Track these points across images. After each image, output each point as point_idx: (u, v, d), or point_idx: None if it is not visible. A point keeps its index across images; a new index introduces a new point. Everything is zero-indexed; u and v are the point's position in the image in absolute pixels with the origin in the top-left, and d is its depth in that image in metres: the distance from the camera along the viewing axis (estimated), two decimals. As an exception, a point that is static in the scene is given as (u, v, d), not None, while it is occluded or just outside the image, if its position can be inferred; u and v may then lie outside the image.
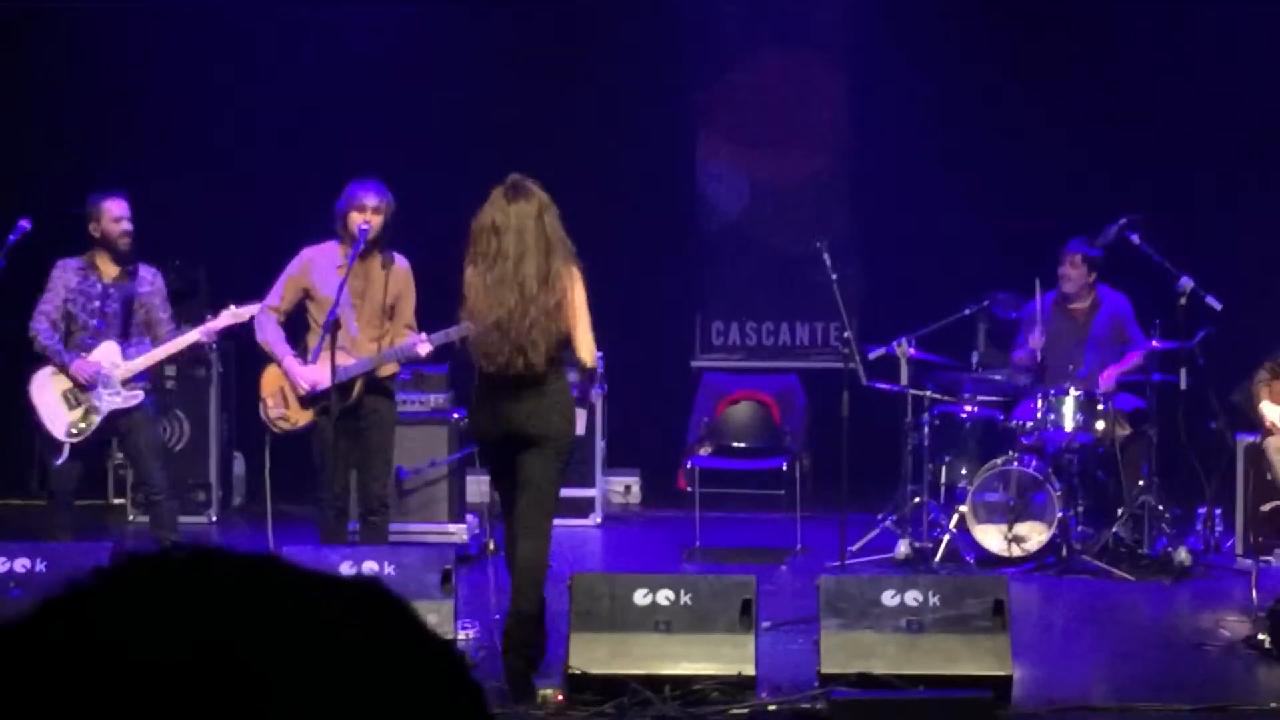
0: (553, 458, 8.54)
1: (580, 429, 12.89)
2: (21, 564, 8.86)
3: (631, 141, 14.28)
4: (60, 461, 10.11)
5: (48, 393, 10.15)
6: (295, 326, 9.91)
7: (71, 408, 10.12)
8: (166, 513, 10.43)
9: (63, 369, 10.10)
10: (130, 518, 13.18)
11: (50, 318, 10.13)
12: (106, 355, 10.13)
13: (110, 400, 10.11)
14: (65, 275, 10.17)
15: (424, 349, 9.50)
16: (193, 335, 10.22)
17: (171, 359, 10.83)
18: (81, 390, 10.10)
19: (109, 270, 10.24)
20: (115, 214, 10.18)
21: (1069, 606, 10.57)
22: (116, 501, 13.42)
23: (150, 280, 10.36)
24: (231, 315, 10.17)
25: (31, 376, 10.19)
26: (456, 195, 13.83)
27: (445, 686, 1.45)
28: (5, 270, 10.10)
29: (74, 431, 10.09)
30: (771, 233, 14.41)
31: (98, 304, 10.18)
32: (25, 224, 10.16)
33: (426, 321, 9.61)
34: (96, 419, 10.10)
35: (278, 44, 14.24)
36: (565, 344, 8.59)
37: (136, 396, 10.17)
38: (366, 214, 9.57)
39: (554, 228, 8.57)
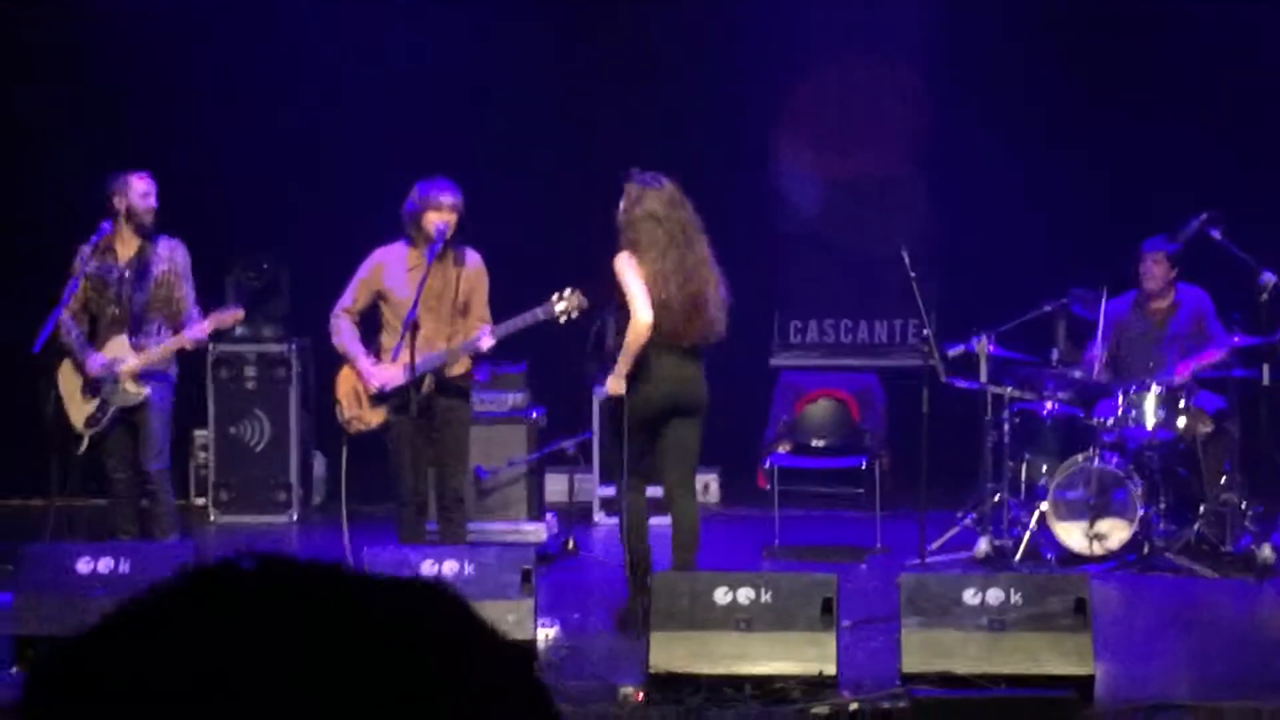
0: (701, 424, 9.69)
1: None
2: (105, 564, 8.92)
3: (708, 142, 14.27)
4: (81, 452, 10.18)
5: (68, 383, 10.23)
6: (370, 328, 9.96)
7: (85, 400, 10.20)
8: (163, 506, 10.34)
9: (79, 365, 10.17)
10: (212, 518, 13.26)
11: (71, 309, 10.19)
12: (116, 350, 10.17)
13: (117, 397, 10.15)
14: (84, 260, 10.20)
15: (486, 342, 9.54)
16: (183, 339, 10.20)
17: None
18: (96, 384, 10.16)
19: (126, 250, 10.26)
20: (142, 189, 10.21)
21: (1151, 605, 10.50)
22: (198, 501, 13.49)
23: (168, 255, 10.31)
24: (216, 320, 10.20)
25: (58, 369, 10.29)
26: (532, 195, 13.94)
27: (512, 687, 1.46)
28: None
29: (90, 423, 10.17)
30: (848, 231, 14.37)
31: (114, 289, 10.21)
32: (106, 226, 10.21)
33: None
34: (110, 410, 10.16)
35: (360, 50, 14.28)
36: None
37: (142, 394, 10.19)
38: (444, 213, 9.62)
39: (693, 215, 9.65)
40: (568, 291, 9.43)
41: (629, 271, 9.31)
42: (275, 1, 14.21)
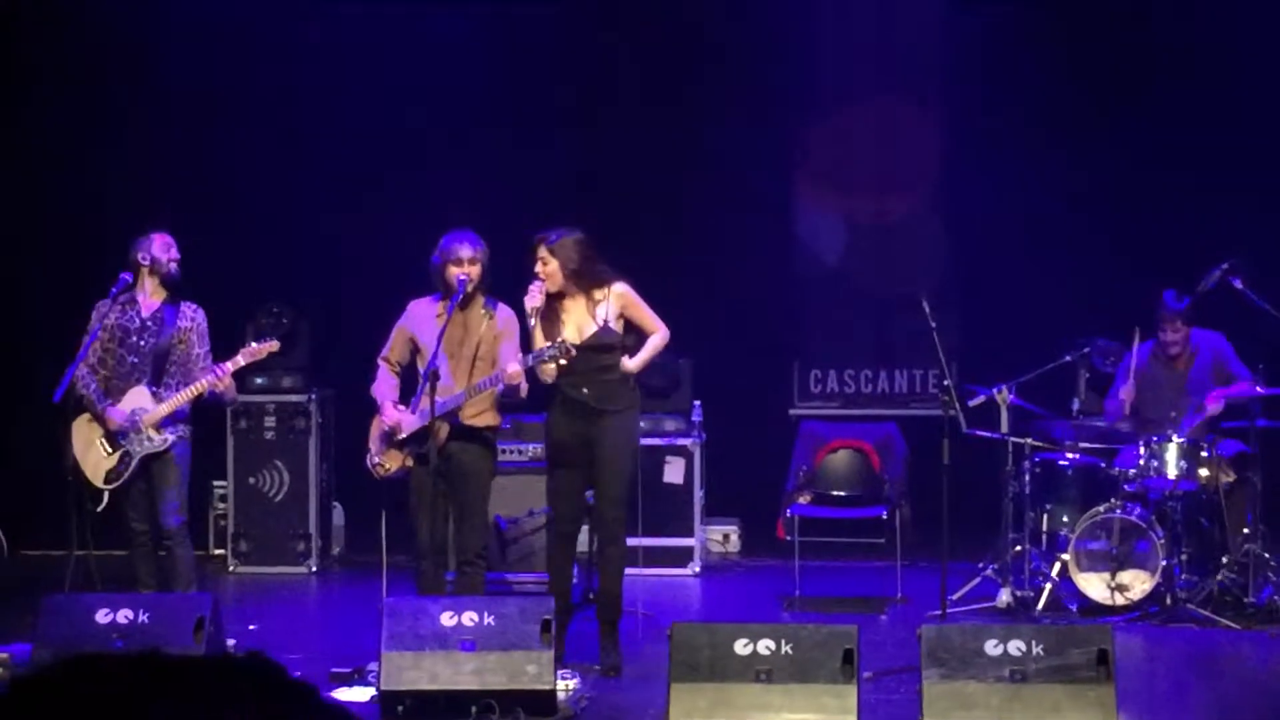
0: None
1: (678, 477, 12.96)
2: (124, 614, 8.91)
3: (728, 188, 14.29)
4: (101, 509, 10.19)
5: (85, 439, 10.24)
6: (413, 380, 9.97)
7: (108, 454, 10.21)
8: (181, 561, 10.32)
9: (98, 417, 10.18)
10: (231, 569, 13.25)
11: (88, 362, 10.22)
12: (136, 400, 10.19)
13: (141, 445, 10.17)
14: (102, 314, 10.26)
15: (513, 368, 9.49)
16: (208, 377, 10.21)
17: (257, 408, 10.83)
18: (115, 437, 10.18)
19: (150, 304, 10.31)
20: (164, 243, 10.30)
21: (1174, 656, 10.44)
22: (217, 552, 13.48)
23: (190, 315, 10.38)
24: (249, 354, 10.22)
25: (73, 423, 10.28)
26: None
27: None
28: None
29: (111, 478, 10.17)
30: (869, 279, 14.38)
31: (134, 338, 10.25)
32: (126, 277, 10.25)
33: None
34: (131, 463, 10.17)
35: (386, 101, 14.33)
36: None
37: (166, 441, 10.22)
38: (464, 267, 9.67)
39: None
40: (552, 342, 9.45)
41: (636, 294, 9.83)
42: (302, 52, 14.24)
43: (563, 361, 9.42)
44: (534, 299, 9.63)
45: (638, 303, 9.84)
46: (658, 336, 9.87)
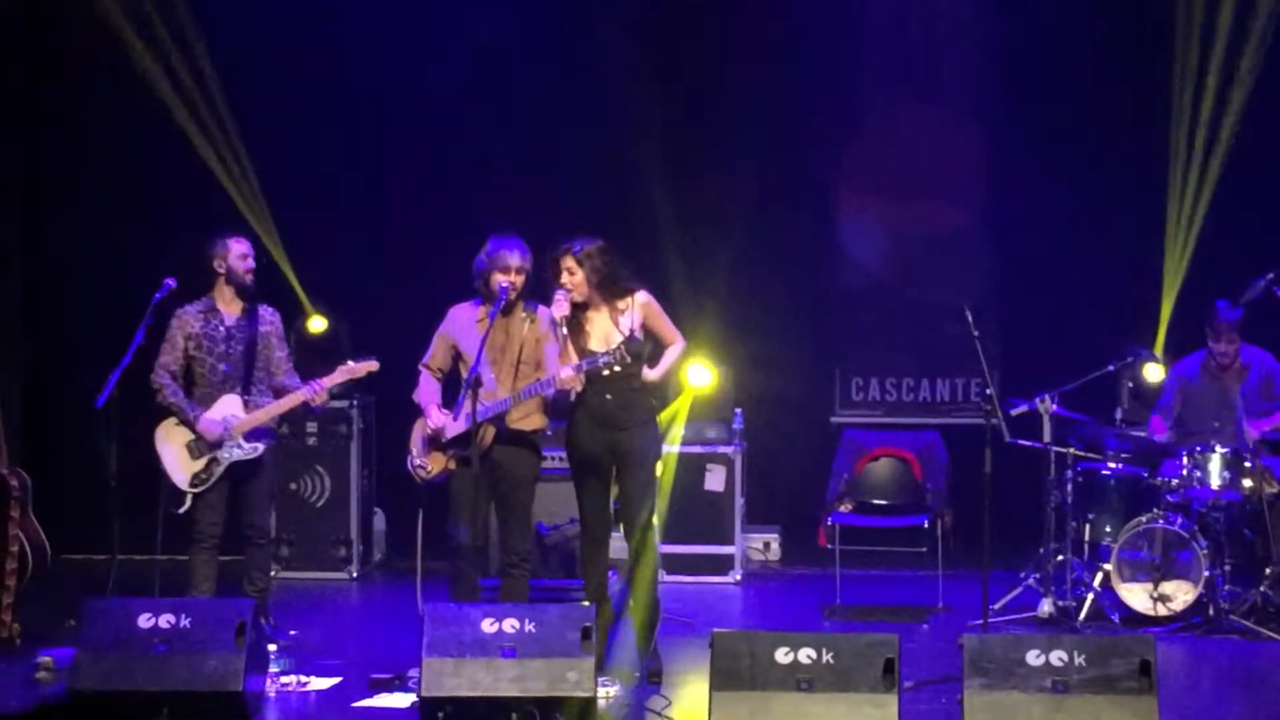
0: None
1: (719, 485, 12.96)
2: (166, 619, 8.93)
3: (771, 197, 14.26)
4: (182, 510, 10.25)
5: (171, 444, 10.31)
6: (456, 384, 10.00)
7: (194, 458, 10.28)
8: (263, 556, 10.62)
9: (189, 425, 10.24)
10: (272, 574, 13.25)
11: (170, 369, 10.31)
12: (229, 408, 10.28)
13: (233, 453, 10.26)
14: (185, 323, 10.35)
15: (566, 372, 9.49)
16: (306, 390, 10.28)
17: (303, 411, 10.86)
18: (206, 444, 10.25)
19: (231, 311, 10.40)
20: (241, 251, 10.38)
21: (1216, 667, 10.40)
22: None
23: (269, 319, 10.55)
24: (347, 371, 10.28)
25: (155, 428, 10.35)
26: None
27: None
28: (151, 329, 10.22)
29: (196, 482, 10.25)
30: (911, 288, 14.34)
31: (223, 347, 10.34)
32: (171, 283, 10.28)
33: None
34: (219, 469, 10.26)
35: (429, 110, 14.33)
36: None
37: (256, 449, 10.33)
38: (510, 275, 9.69)
39: None
40: (613, 347, 9.43)
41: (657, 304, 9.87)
42: (344, 57, 14.27)
43: (617, 368, 9.42)
44: (561, 308, 9.63)
45: (659, 313, 9.85)
46: (676, 347, 9.86)
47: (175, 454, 10.31)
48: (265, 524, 10.61)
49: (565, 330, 9.62)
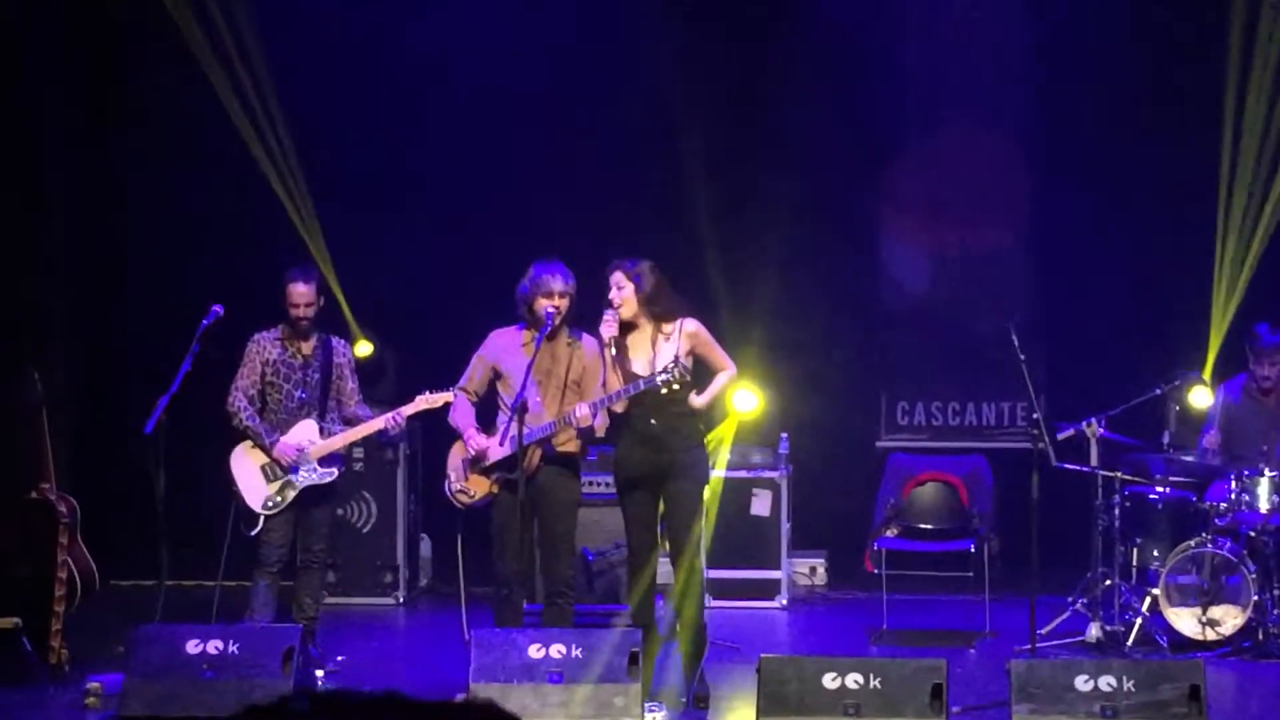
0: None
1: (765, 510, 12.95)
2: (214, 645, 8.97)
3: (816, 220, 14.26)
4: (254, 533, 10.31)
5: (246, 466, 10.38)
6: (489, 408, 10.02)
7: (269, 481, 10.34)
8: (316, 583, 10.66)
9: (265, 450, 10.32)
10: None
11: (247, 394, 10.39)
12: (305, 433, 10.38)
13: (307, 477, 10.34)
14: (262, 349, 10.44)
15: (581, 410, 9.55)
16: (385, 419, 10.37)
17: (361, 439, 10.98)
18: (281, 468, 10.32)
19: (305, 342, 10.46)
20: (294, 299, 10.43)
21: (1266, 691, 10.34)
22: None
23: (342, 350, 10.67)
24: (425, 401, 10.31)
25: (230, 451, 10.42)
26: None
27: None
28: (199, 355, 10.26)
29: (270, 505, 10.32)
30: (956, 311, 14.32)
31: (300, 374, 10.42)
32: (218, 309, 10.34)
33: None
34: (292, 493, 10.34)
35: (477, 134, 14.37)
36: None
37: (330, 475, 10.44)
38: (554, 300, 9.70)
39: None
40: (672, 364, 9.45)
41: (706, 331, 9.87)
42: (386, 81, 14.32)
43: (676, 387, 9.43)
44: (610, 328, 9.65)
45: (709, 341, 9.84)
46: (726, 373, 9.86)
47: (251, 476, 10.38)
48: (324, 549, 10.65)
49: (614, 351, 9.65)
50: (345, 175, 14.22)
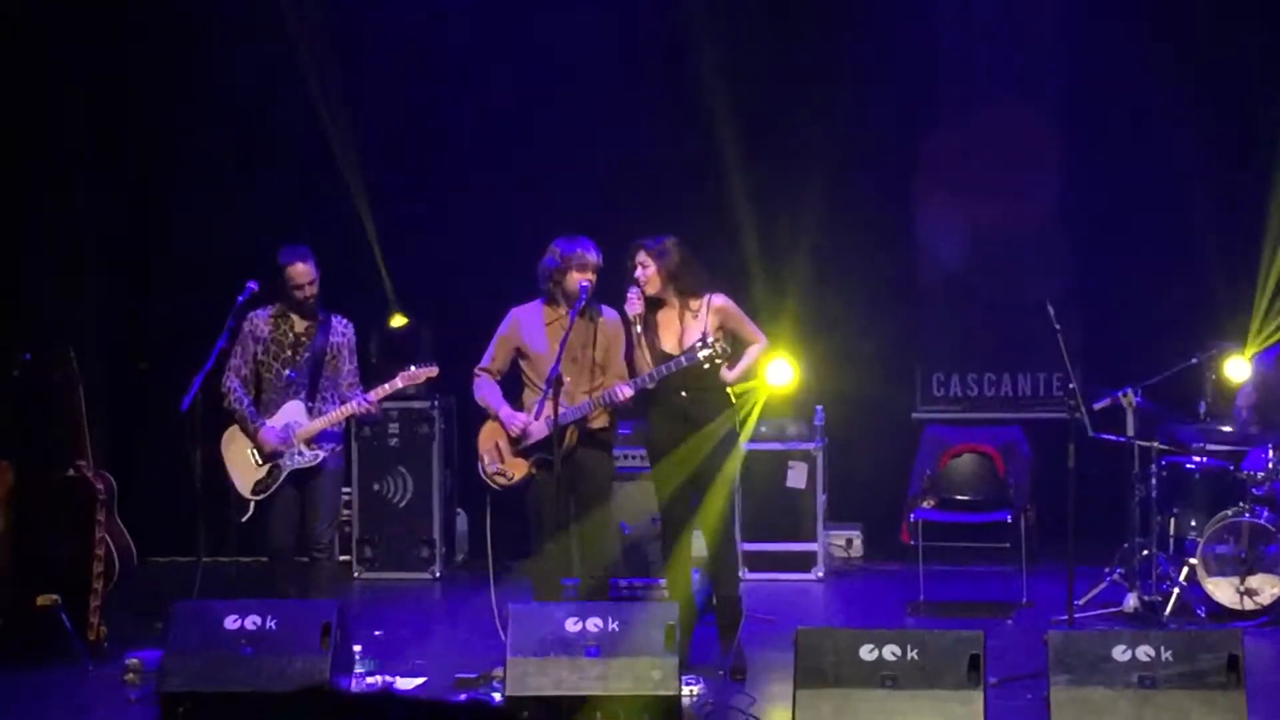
0: None
1: (800, 482, 12.94)
2: (253, 621, 8.98)
3: (851, 192, 14.21)
4: (245, 519, 10.24)
5: (236, 451, 10.28)
6: (512, 385, 10.01)
7: (257, 466, 10.23)
8: (325, 573, 10.38)
9: (249, 434, 10.23)
10: (356, 575, 13.33)
11: (240, 373, 10.27)
12: (291, 414, 10.23)
13: (292, 460, 10.20)
14: (255, 327, 10.30)
15: (624, 391, 9.58)
16: (352, 405, 10.22)
17: (379, 416, 10.83)
18: (264, 453, 10.20)
19: (301, 319, 10.36)
20: (296, 280, 10.25)
21: (1305, 661, 10.32)
22: (342, 559, 13.54)
23: (342, 330, 10.42)
24: (406, 378, 10.21)
25: (223, 433, 10.34)
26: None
27: None
28: (234, 331, 10.25)
29: (258, 489, 10.18)
30: (992, 282, 14.26)
31: (289, 353, 10.29)
32: (253, 285, 10.29)
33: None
34: (280, 476, 10.20)
35: (509, 113, 14.38)
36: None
37: (318, 456, 10.24)
38: (588, 272, 9.68)
39: None
40: (710, 338, 9.46)
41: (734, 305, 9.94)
42: (415, 65, 14.32)
43: (719, 361, 9.45)
44: (635, 306, 9.67)
45: (738, 314, 9.85)
46: (757, 346, 9.87)
47: (239, 461, 10.27)
48: (325, 536, 10.34)
49: (640, 328, 9.65)
50: (379, 151, 14.23)
